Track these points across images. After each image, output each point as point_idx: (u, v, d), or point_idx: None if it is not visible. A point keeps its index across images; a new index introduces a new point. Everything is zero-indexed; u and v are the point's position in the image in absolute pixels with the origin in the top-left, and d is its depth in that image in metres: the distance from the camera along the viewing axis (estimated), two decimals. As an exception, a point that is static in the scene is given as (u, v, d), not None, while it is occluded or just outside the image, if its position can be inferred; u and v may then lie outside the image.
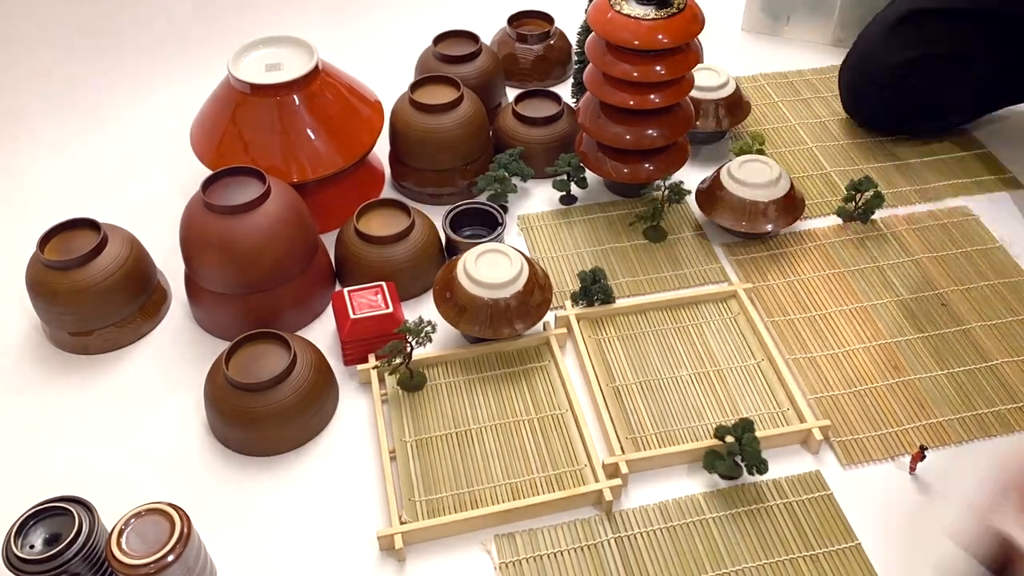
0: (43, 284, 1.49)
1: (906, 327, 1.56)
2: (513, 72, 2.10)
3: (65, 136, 2.06)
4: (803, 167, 1.91)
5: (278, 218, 1.47)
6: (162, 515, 1.16)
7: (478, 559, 1.27)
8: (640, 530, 1.28)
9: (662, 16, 1.55)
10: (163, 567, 1.12)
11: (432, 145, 1.74)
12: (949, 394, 1.45)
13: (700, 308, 1.59)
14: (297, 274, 1.53)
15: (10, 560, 1.14)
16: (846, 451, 1.38)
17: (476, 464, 1.36)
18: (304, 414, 1.38)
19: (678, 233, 1.75)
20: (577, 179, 1.77)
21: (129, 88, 2.21)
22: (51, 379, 1.52)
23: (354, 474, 1.37)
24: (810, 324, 1.57)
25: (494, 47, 2.11)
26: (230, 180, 1.51)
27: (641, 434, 1.40)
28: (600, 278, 1.55)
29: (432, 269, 1.63)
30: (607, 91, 1.64)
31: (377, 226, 1.62)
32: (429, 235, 1.64)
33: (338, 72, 1.77)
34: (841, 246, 1.71)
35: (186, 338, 1.58)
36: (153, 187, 1.91)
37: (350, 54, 2.26)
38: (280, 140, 1.65)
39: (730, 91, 1.89)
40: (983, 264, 1.67)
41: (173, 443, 1.42)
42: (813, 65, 2.20)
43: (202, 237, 1.46)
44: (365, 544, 1.29)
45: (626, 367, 1.50)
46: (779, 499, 1.32)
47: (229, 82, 1.69)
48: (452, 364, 1.50)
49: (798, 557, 1.25)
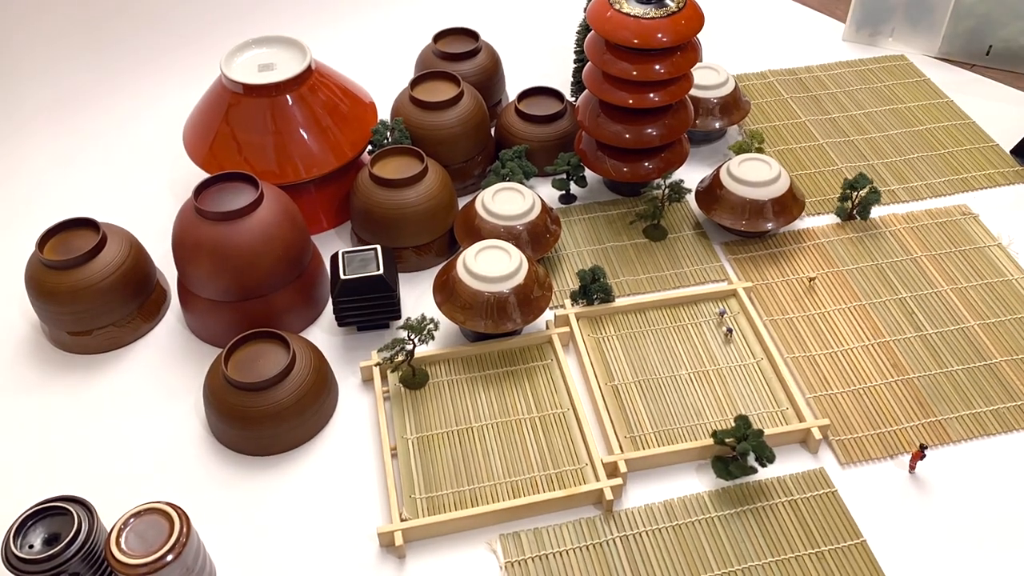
0: (42, 284, 1.48)
1: (905, 326, 1.56)
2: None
3: (63, 137, 2.06)
4: (813, 163, 1.91)
5: (271, 223, 1.46)
6: (161, 515, 1.16)
7: (478, 556, 1.27)
8: (646, 528, 1.29)
9: (662, 15, 1.55)
10: (162, 566, 1.12)
11: (433, 142, 1.73)
12: (948, 393, 1.46)
13: (699, 307, 1.59)
14: (292, 279, 1.53)
15: (9, 560, 1.14)
16: (845, 450, 1.38)
17: (477, 462, 1.36)
18: (303, 414, 1.38)
19: (678, 232, 1.75)
20: (576, 178, 1.77)
21: (126, 88, 2.20)
22: (50, 379, 1.52)
23: (355, 471, 1.37)
24: (809, 323, 1.57)
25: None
26: (222, 186, 1.50)
27: (640, 433, 1.40)
28: (600, 277, 1.55)
29: (444, 216, 1.63)
30: (606, 90, 1.64)
31: (391, 171, 1.62)
32: (442, 182, 1.63)
33: (332, 72, 1.77)
34: (840, 244, 1.72)
35: (186, 338, 1.58)
36: (151, 187, 1.91)
37: (347, 53, 2.26)
38: (273, 140, 1.65)
39: (729, 90, 1.89)
40: (980, 262, 1.67)
41: (172, 443, 1.42)
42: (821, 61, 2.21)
43: (195, 244, 1.45)
44: (366, 541, 1.28)
45: (625, 366, 1.50)
46: (784, 497, 1.32)
47: (222, 82, 1.68)
48: (454, 362, 1.50)
49: (804, 555, 1.25)
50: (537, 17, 2.40)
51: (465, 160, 1.79)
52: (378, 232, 1.62)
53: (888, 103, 2.07)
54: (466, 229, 1.62)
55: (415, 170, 1.60)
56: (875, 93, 2.10)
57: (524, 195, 1.61)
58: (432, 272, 1.66)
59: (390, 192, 1.59)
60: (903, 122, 2.01)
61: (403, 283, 1.64)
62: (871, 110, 2.05)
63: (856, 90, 2.11)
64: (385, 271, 1.48)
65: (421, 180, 1.60)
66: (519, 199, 1.61)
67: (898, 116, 2.03)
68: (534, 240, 1.60)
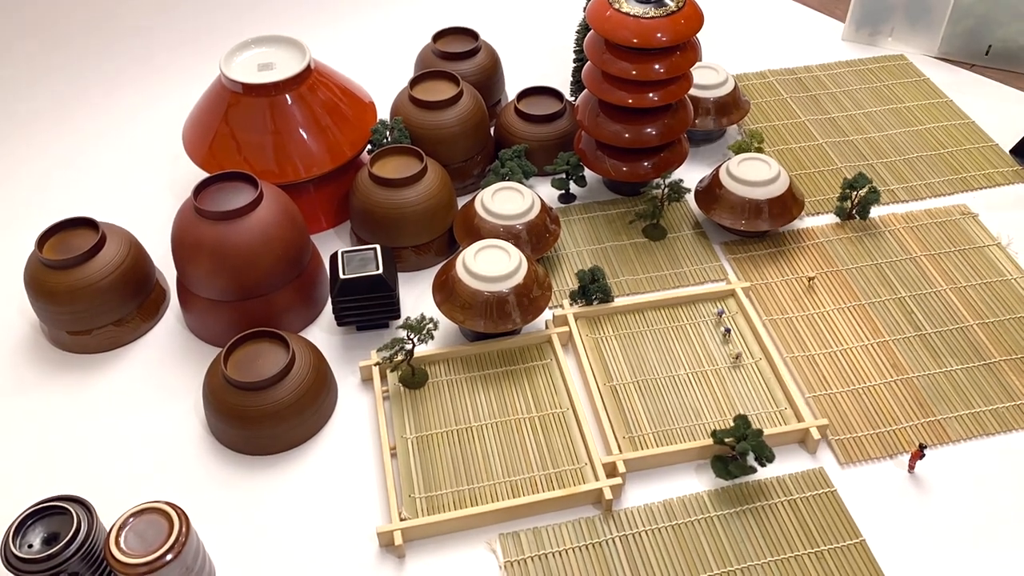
0: (41, 283, 1.48)
1: (904, 325, 1.56)
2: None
3: (62, 136, 2.06)
4: (813, 163, 1.91)
5: (271, 223, 1.46)
6: (160, 514, 1.16)
7: (477, 556, 1.27)
8: (645, 528, 1.29)
9: (661, 14, 1.55)
10: (161, 566, 1.12)
11: (432, 141, 1.73)
12: (947, 392, 1.46)
13: (698, 307, 1.59)
14: (291, 279, 1.53)
15: (8, 559, 1.14)
16: (844, 450, 1.38)
17: (476, 461, 1.36)
18: (302, 413, 1.38)
19: (677, 231, 1.75)
20: (576, 177, 1.77)
21: (125, 88, 2.20)
22: (50, 378, 1.52)
23: (354, 471, 1.37)
24: (808, 323, 1.57)
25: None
26: (222, 185, 1.50)
27: (639, 433, 1.40)
28: (599, 278, 1.55)
29: (444, 216, 1.63)
30: (606, 89, 1.64)
31: (390, 170, 1.62)
32: (442, 181, 1.63)
33: (331, 72, 1.77)
34: (839, 244, 1.72)
35: (186, 337, 1.58)
36: (151, 187, 1.91)
37: (347, 53, 2.26)
38: (272, 140, 1.65)
39: (728, 89, 1.89)
40: (979, 262, 1.67)
41: (172, 442, 1.42)
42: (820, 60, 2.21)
43: (194, 243, 1.45)
44: (365, 540, 1.28)
45: (623, 366, 1.50)
46: (783, 496, 1.32)
47: (221, 82, 1.68)
48: (453, 361, 1.50)
49: (803, 554, 1.25)
50: (536, 17, 2.40)
51: (464, 160, 1.79)
52: (377, 231, 1.62)
53: (887, 103, 2.07)
54: (465, 228, 1.62)
55: (414, 170, 1.60)
56: (874, 93, 2.10)
57: (523, 195, 1.61)
58: (431, 272, 1.66)
59: (389, 191, 1.59)
60: (902, 122, 2.01)
61: (402, 283, 1.64)
62: (870, 110, 2.05)
63: (855, 90, 2.11)
64: (384, 271, 1.48)
65: (420, 180, 1.60)
66: (518, 199, 1.61)
67: (897, 116, 2.03)
68: (533, 240, 1.60)
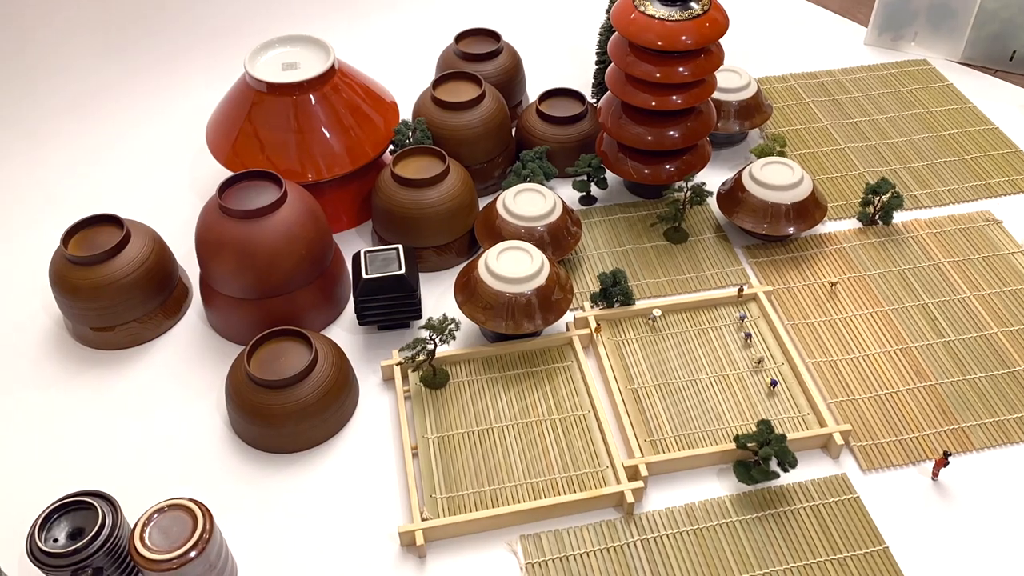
0: (66, 279, 1.49)
1: (927, 332, 1.55)
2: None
3: (87, 134, 2.07)
4: (835, 167, 1.91)
5: (295, 222, 1.47)
6: (184, 511, 1.17)
7: (499, 557, 1.27)
8: (666, 532, 1.28)
9: (686, 17, 1.54)
10: (185, 562, 1.12)
11: (454, 142, 1.73)
12: (971, 400, 1.45)
13: (720, 311, 1.59)
14: (314, 277, 1.53)
15: (34, 553, 1.15)
16: (867, 456, 1.37)
17: (498, 463, 1.36)
18: (324, 412, 1.38)
19: (699, 235, 1.75)
20: (597, 179, 1.77)
21: (149, 86, 2.21)
22: (73, 374, 1.53)
23: (376, 470, 1.37)
24: (830, 328, 1.56)
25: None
26: (247, 184, 1.51)
27: (660, 437, 1.40)
28: (621, 280, 1.55)
29: (465, 216, 1.64)
30: (629, 92, 1.63)
31: (413, 171, 1.62)
32: (463, 182, 1.64)
33: (354, 72, 1.77)
34: (862, 249, 1.71)
35: (208, 334, 1.58)
36: (174, 184, 1.91)
37: (370, 52, 2.27)
38: (295, 139, 1.65)
39: (751, 93, 1.89)
40: (1004, 269, 1.66)
41: (195, 439, 1.43)
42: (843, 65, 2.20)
43: (218, 241, 1.46)
44: (386, 540, 1.29)
45: (645, 369, 1.50)
46: (805, 502, 1.31)
47: (245, 81, 1.69)
48: (475, 362, 1.50)
49: (825, 560, 1.25)
50: (559, 18, 2.40)
51: (486, 160, 1.79)
52: (399, 231, 1.62)
53: (910, 108, 2.06)
54: (487, 229, 1.62)
55: (437, 170, 1.61)
56: (897, 98, 2.09)
57: (545, 196, 1.61)
58: (452, 272, 1.66)
59: (411, 192, 1.59)
60: (925, 127, 2.00)
61: (423, 283, 1.64)
62: (893, 115, 2.04)
63: (878, 95, 2.10)
64: (407, 270, 1.48)
65: (442, 180, 1.61)
66: (540, 200, 1.61)
67: (920, 121, 2.02)
68: (555, 241, 1.60)
